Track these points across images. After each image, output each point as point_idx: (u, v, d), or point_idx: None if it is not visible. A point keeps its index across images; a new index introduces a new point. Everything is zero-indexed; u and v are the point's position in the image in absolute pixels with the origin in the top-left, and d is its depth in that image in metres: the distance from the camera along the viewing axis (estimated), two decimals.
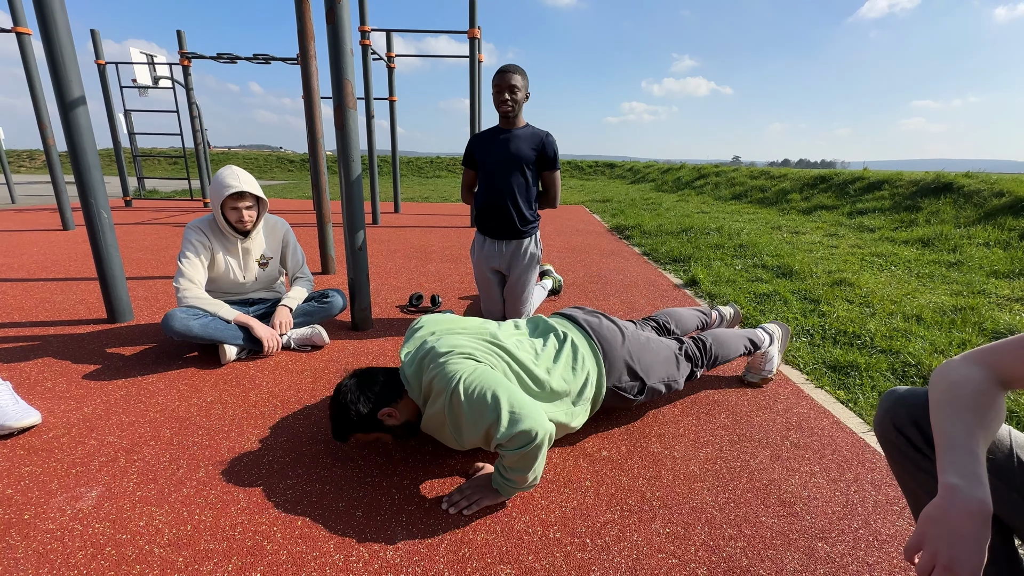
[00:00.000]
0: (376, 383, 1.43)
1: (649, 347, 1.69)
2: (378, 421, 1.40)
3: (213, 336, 2.09)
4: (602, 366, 1.56)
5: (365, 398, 1.39)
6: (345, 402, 1.38)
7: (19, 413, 1.59)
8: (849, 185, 7.51)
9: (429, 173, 21.81)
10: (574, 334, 1.61)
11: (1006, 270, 3.56)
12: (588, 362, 1.54)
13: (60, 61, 2.27)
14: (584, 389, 1.50)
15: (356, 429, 1.41)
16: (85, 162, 2.40)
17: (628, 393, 1.60)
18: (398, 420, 1.41)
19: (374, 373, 1.46)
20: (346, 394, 1.39)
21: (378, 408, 1.39)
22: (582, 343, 1.58)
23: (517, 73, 2.30)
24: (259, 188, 2.23)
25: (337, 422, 1.41)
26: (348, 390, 1.40)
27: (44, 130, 5.13)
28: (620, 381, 1.59)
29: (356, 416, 1.38)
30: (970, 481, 0.62)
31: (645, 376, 1.62)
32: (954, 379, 0.72)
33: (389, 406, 1.40)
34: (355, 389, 1.40)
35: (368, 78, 6.23)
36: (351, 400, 1.38)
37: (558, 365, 1.49)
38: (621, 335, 1.66)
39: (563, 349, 1.54)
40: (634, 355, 1.63)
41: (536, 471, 1.25)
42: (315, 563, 1.11)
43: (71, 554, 1.12)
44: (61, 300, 3.03)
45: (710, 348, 1.82)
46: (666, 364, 1.69)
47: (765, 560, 1.15)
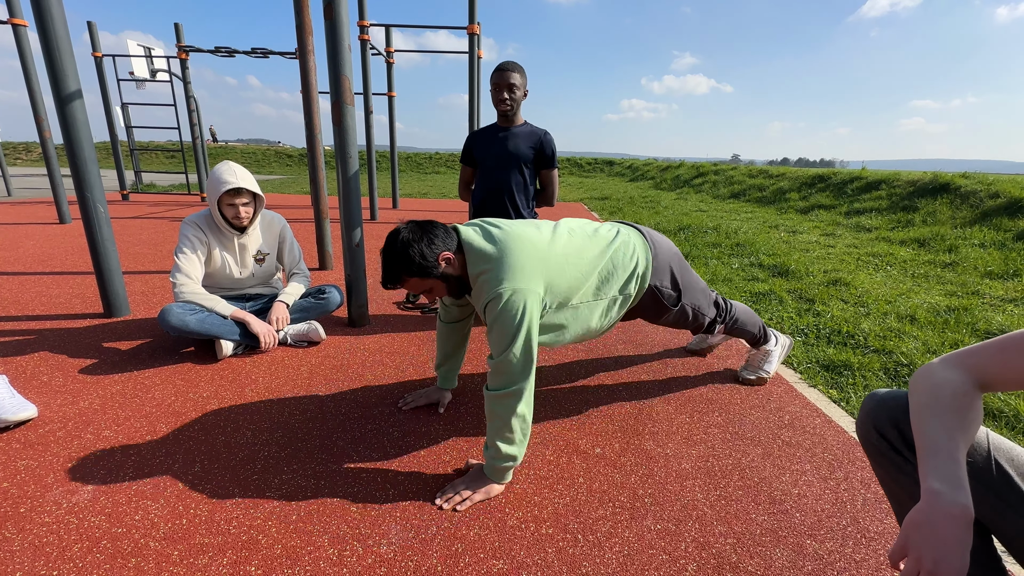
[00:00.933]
0: (438, 229, 1.37)
1: (690, 271, 1.79)
2: (436, 265, 1.34)
3: (210, 331, 2.09)
4: (651, 262, 1.62)
5: (428, 239, 1.33)
6: (408, 239, 1.32)
7: (15, 407, 1.59)
8: (847, 185, 7.53)
9: (428, 169, 21.77)
10: (630, 229, 1.68)
11: (1000, 271, 3.59)
12: (639, 252, 1.61)
13: (56, 53, 2.26)
14: (632, 276, 1.56)
15: (414, 272, 1.33)
16: (82, 156, 2.39)
17: (665, 299, 1.68)
18: (456, 270, 1.39)
19: (432, 222, 1.40)
20: (408, 233, 1.33)
21: (440, 250, 1.34)
22: (638, 239, 1.65)
23: (515, 71, 2.30)
24: (256, 184, 2.23)
25: (394, 263, 1.33)
26: (410, 230, 1.34)
27: (40, 123, 5.11)
28: (662, 283, 1.66)
29: (419, 255, 1.31)
30: (952, 486, 0.63)
31: (684, 291, 1.71)
32: (934, 382, 0.73)
33: (448, 252, 1.36)
34: (418, 230, 1.34)
35: (367, 73, 6.21)
36: (414, 238, 1.32)
37: (614, 246, 1.55)
38: (670, 249, 1.74)
39: (619, 236, 1.61)
40: (677, 268, 1.71)
41: (513, 432, 1.30)
42: (309, 557, 1.13)
43: (67, 547, 1.13)
44: (57, 294, 3.02)
45: (732, 309, 1.92)
46: (703, 294, 1.81)
47: (754, 556, 1.16)
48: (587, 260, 1.48)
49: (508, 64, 2.31)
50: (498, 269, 1.32)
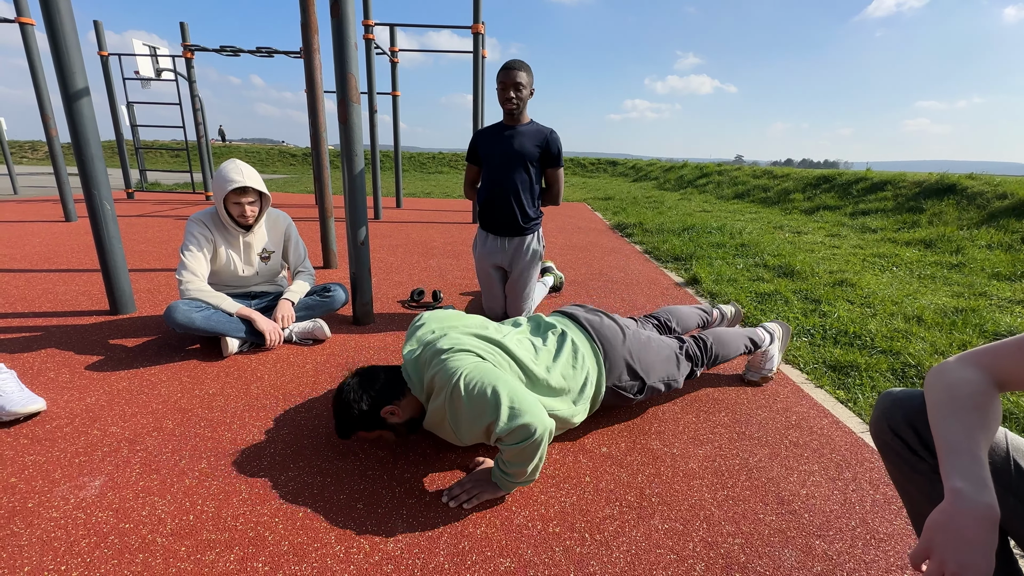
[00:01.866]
0: (378, 381, 1.44)
1: (650, 346, 1.69)
2: (381, 419, 1.41)
3: (215, 328, 2.10)
4: (602, 365, 1.56)
5: (368, 396, 1.40)
6: (348, 400, 1.39)
7: (24, 400, 1.60)
8: (852, 185, 7.49)
9: (431, 169, 21.78)
10: (574, 333, 1.61)
11: (1008, 272, 3.56)
12: (588, 361, 1.55)
13: (64, 51, 2.27)
14: (584, 388, 1.51)
15: (359, 427, 1.42)
16: (88, 153, 2.40)
17: (628, 392, 1.61)
18: (401, 418, 1.42)
19: (376, 371, 1.47)
20: (349, 392, 1.40)
21: (381, 406, 1.40)
22: (583, 342, 1.59)
23: (522, 70, 2.30)
24: (262, 183, 2.23)
25: (340, 420, 1.42)
26: (351, 388, 1.41)
27: (47, 121, 5.13)
28: (620, 380, 1.59)
29: (359, 414, 1.39)
30: (976, 485, 0.61)
31: (645, 376, 1.63)
32: (951, 380, 0.71)
33: (391, 404, 1.41)
34: (358, 387, 1.41)
35: (371, 73, 6.22)
36: (354, 398, 1.39)
37: (558, 363, 1.50)
38: (622, 334, 1.66)
39: (563, 348, 1.55)
40: (634, 354, 1.63)
41: (535, 466, 1.25)
42: (316, 554, 1.12)
43: (75, 542, 1.13)
44: (64, 291, 3.03)
45: (711, 347, 1.83)
46: (666, 363, 1.70)
47: (763, 557, 1.15)
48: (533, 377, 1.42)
49: (515, 63, 2.30)
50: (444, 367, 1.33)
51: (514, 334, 1.57)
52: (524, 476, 1.27)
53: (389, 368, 1.50)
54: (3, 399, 1.59)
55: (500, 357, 1.41)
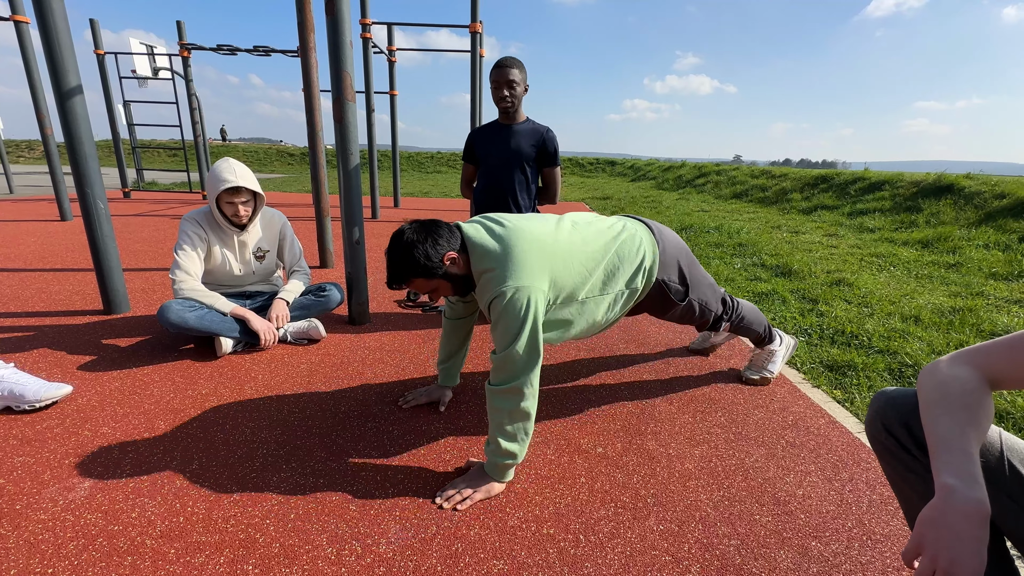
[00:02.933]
0: (442, 228, 1.37)
1: (698, 266, 1.78)
2: (441, 264, 1.33)
3: (209, 328, 2.08)
4: (658, 256, 1.61)
5: (432, 239, 1.33)
6: (413, 240, 1.31)
7: (51, 386, 1.68)
8: (850, 185, 7.50)
9: (429, 168, 21.77)
10: (637, 224, 1.67)
11: (1005, 272, 3.56)
12: (646, 246, 1.59)
13: (57, 50, 2.25)
14: (639, 271, 1.55)
15: (420, 272, 1.32)
16: (82, 152, 2.38)
17: (672, 294, 1.67)
18: (460, 269, 1.38)
19: (436, 221, 1.39)
20: (412, 234, 1.32)
21: (446, 250, 1.34)
22: (645, 233, 1.63)
23: (515, 67, 2.28)
24: (256, 183, 2.21)
25: (400, 263, 1.32)
26: (414, 230, 1.33)
27: (42, 120, 5.11)
28: (669, 278, 1.65)
29: (424, 255, 1.30)
30: (967, 481, 0.61)
31: (691, 286, 1.70)
32: (942, 379, 0.71)
33: (453, 252, 1.36)
34: (422, 230, 1.34)
35: (368, 71, 6.20)
36: (419, 239, 1.31)
37: (618, 240, 1.54)
38: (678, 244, 1.73)
39: (625, 230, 1.59)
40: (685, 263, 1.70)
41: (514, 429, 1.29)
42: (308, 556, 1.11)
43: (62, 545, 1.12)
44: (58, 290, 3.01)
45: (739, 307, 1.90)
46: (710, 289, 1.79)
47: (759, 559, 1.15)
48: (592, 254, 1.47)
49: (506, 60, 2.29)
50: (502, 267, 1.31)
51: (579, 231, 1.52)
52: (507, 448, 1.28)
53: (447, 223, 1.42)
54: (24, 388, 1.63)
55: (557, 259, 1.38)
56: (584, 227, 1.53)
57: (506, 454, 1.30)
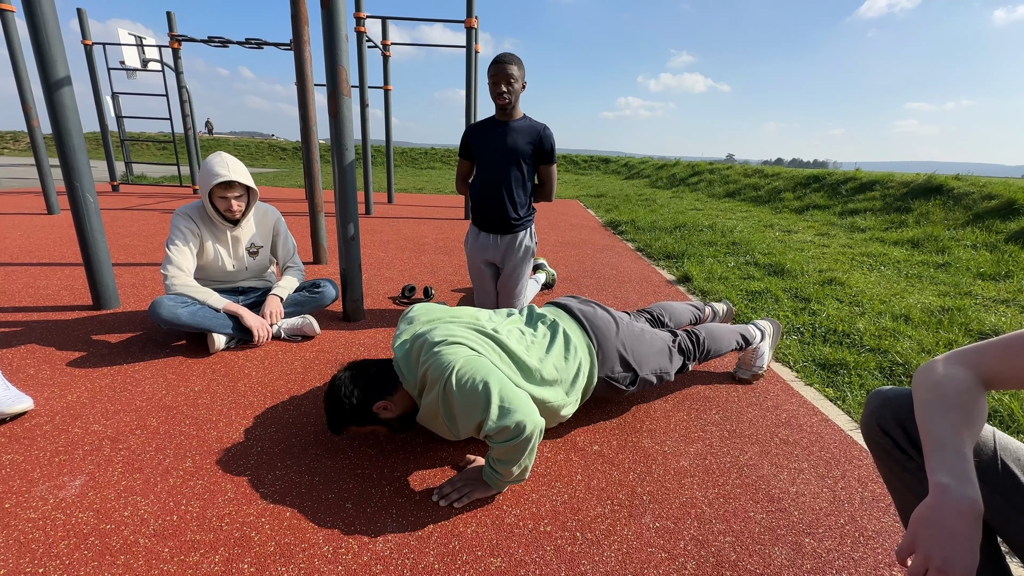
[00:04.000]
0: (371, 375, 1.42)
1: (643, 338, 1.69)
2: (373, 414, 1.39)
3: (202, 324, 2.06)
4: (595, 356, 1.56)
5: (360, 391, 1.37)
6: (339, 395, 1.37)
7: (10, 399, 1.56)
8: (841, 185, 7.57)
9: (423, 164, 21.65)
10: (567, 323, 1.61)
11: (992, 272, 3.62)
12: (581, 351, 1.54)
13: (44, 39, 2.20)
14: (577, 378, 1.50)
15: (351, 422, 1.40)
16: (70, 144, 2.34)
17: (620, 384, 1.61)
18: (393, 413, 1.40)
19: (368, 365, 1.45)
20: (340, 387, 1.38)
21: (373, 401, 1.38)
22: (575, 332, 1.58)
23: (513, 63, 2.27)
24: (249, 177, 2.19)
25: (332, 415, 1.40)
26: (343, 383, 1.39)
27: (28, 111, 5.00)
28: (613, 371, 1.59)
29: (351, 408, 1.37)
30: (960, 480, 0.62)
31: (638, 367, 1.63)
32: (937, 379, 0.72)
33: (384, 399, 1.39)
34: (350, 382, 1.39)
35: (363, 66, 6.14)
36: (346, 393, 1.37)
37: (551, 354, 1.49)
38: (615, 325, 1.66)
39: (556, 338, 1.54)
40: (628, 346, 1.63)
41: (525, 464, 1.25)
42: (304, 555, 1.10)
43: (53, 544, 1.10)
44: (45, 285, 2.96)
45: (703, 342, 1.83)
46: (659, 356, 1.70)
47: (753, 555, 1.16)
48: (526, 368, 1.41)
49: (505, 56, 2.28)
50: (437, 360, 1.31)
51: (506, 324, 1.56)
52: (514, 475, 1.26)
53: (381, 362, 1.48)
54: None
55: (492, 349, 1.40)
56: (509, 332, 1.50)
57: (515, 479, 1.29)
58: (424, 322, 1.51)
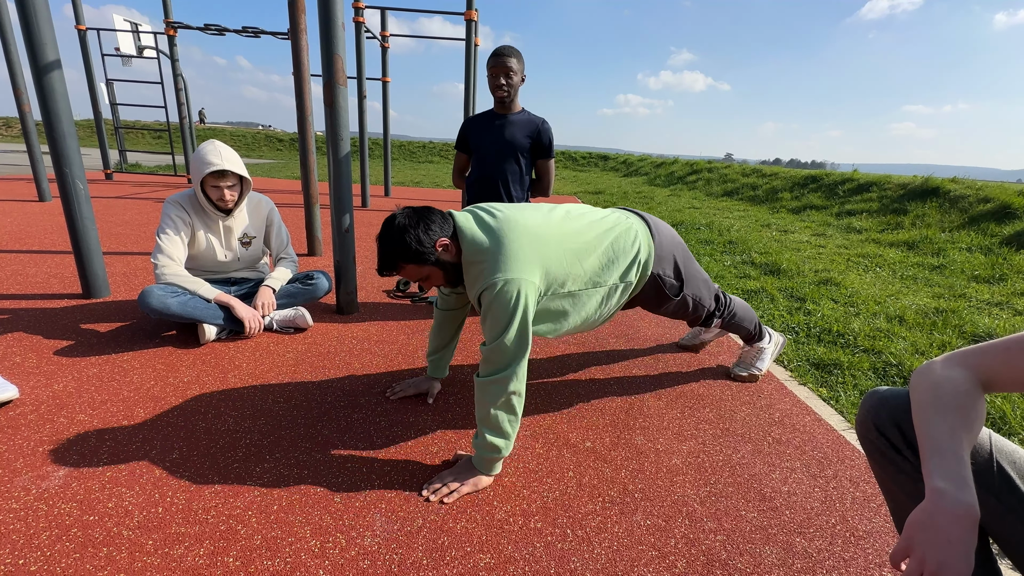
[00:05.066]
0: (435, 215, 1.35)
1: (693, 261, 1.78)
2: (433, 251, 1.31)
3: (192, 315, 2.03)
4: (653, 250, 1.60)
5: (425, 225, 1.31)
6: (404, 225, 1.29)
7: None
8: (839, 186, 7.58)
9: (421, 158, 21.55)
10: (634, 218, 1.65)
11: (987, 275, 3.63)
12: (642, 238, 1.58)
13: (34, 22, 2.16)
14: (634, 264, 1.53)
15: (411, 258, 1.30)
16: (60, 130, 2.30)
17: (667, 289, 1.66)
18: (451, 256, 1.35)
19: (428, 208, 1.37)
20: (404, 219, 1.31)
21: (438, 236, 1.32)
22: (641, 226, 1.62)
23: (512, 56, 2.24)
24: (242, 166, 2.16)
25: (392, 249, 1.30)
26: (406, 215, 1.32)
27: (19, 96, 4.93)
28: (665, 272, 1.64)
29: (416, 241, 1.28)
30: (957, 485, 0.61)
31: (686, 281, 1.69)
32: (935, 380, 0.71)
33: (446, 237, 1.34)
34: (414, 215, 1.32)
35: (361, 57, 6.08)
36: (411, 224, 1.29)
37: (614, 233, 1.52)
38: (675, 238, 1.73)
39: (621, 223, 1.58)
40: (680, 258, 1.69)
41: (501, 422, 1.27)
42: (290, 548, 1.09)
43: (34, 535, 1.08)
44: (34, 273, 2.92)
45: (731, 304, 1.90)
46: (704, 285, 1.79)
47: (744, 554, 1.15)
48: (586, 245, 1.45)
49: (504, 49, 2.25)
50: (493, 259, 1.29)
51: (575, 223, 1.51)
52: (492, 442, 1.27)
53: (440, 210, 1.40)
54: None
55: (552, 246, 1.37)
56: (578, 218, 1.52)
57: (493, 447, 1.28)
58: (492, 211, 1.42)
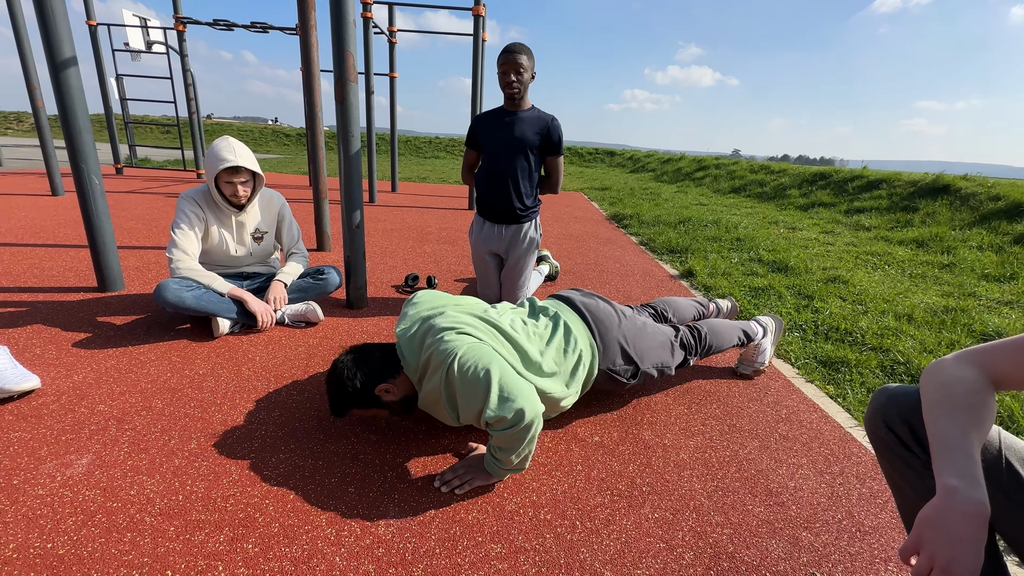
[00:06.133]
0: (373, 359, 1.43)
1: (645, 332, 1.69)
2: (376, 397, 1.40)
3: (206, 308, 2.07)
4: (596, 348, 1.57)
5: (362, 373, 1.39)
6: (342, 377, 1.39)
7: (18, 377, 1.57)
8: (848, 183, 7.51)
9: (427, 153, 21.55)
10: (569, 315, 1.61)
11: (997, 273, 3.60)
12: (582, 343, 1.54)
13: (51, 19, 2.19)
14: (576, 370, 1.50)
15: (353, 404, 1.41)
16: (76, 125, 2.33)
17: (621, 376, 1.61)
18: (395, 396, 1.42)
19: (370, 349, 1.46)
20: (343, 369, 1.39)
21: (375, 383, 1.39)
22: (577, 325, 1.58)
23: (523, 53, 2.25)
24: (255, 163, 2.19)
25: (334, 397, 1.42)
26: (345, 366, 1.40)
27: (33, 92, 4.99)
28: (614, 364, 1.59)
29: (353, 391, 1.38)
30: (968, 482, 0.62)
31: (639, 360, 1.63)
32: (946, 378, 0.72)
33: (387, 382, 1.40)
34: (352, 365, 1.40)
35: (369, 52, 6.09)
36: (348, 376, 1.38)
37: (551, 346, 1.49)
38: (617, 318, 1.66)
39: (557, 331, 1.54)
40: (629, 339, 1.63)
41: (525, 453, 1.25)
42: (307, 536, 1.12)
43: (61, 520, 1.12)
44: (51, 266, 2.98)
45: (705, 337, 1.83)
46: (660, 350, 1.70)
47: (750, 547, 1.17)
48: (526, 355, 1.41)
49: (515, 46, 2.26)
50: (441, 345, 1.32)
51: (509, 315, 1.57)
52: (514, 463, 1.27)
53: (383, 345, 1.49)
54: None
55: (495, 337, 1.40)
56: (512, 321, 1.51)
57: (515, 468, 1.30)
58: (429, 308, 1.52)
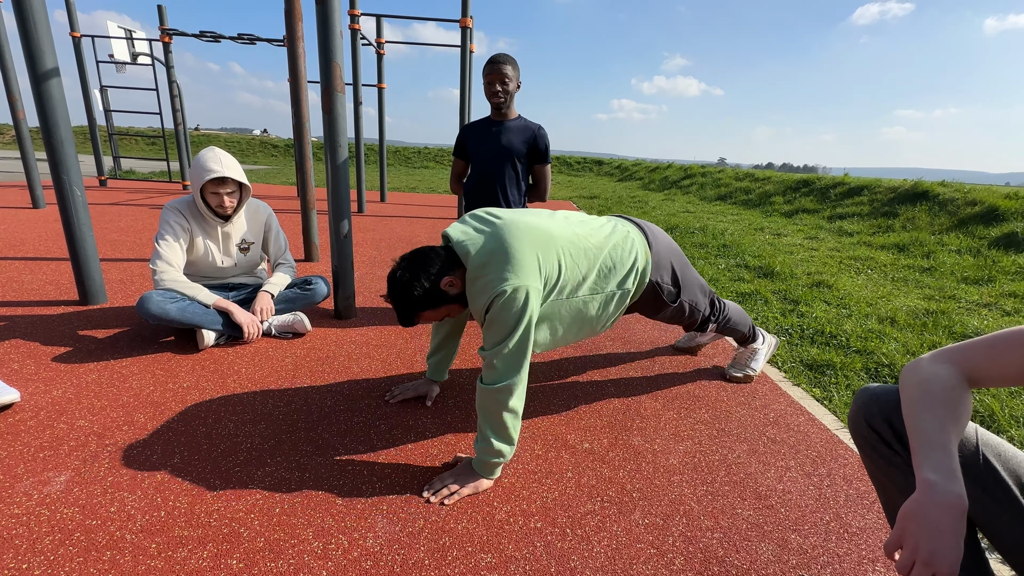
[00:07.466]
0: (428, 258, 1.38)
1: (691, 268, 1.82)
2: (443, 292, 1.36)
3: (191, 320, 2.04)
4: (650, 258, 1.63)
5: (424, 272, 1.35)
6: (406, 281, 1.34)
7: None
8: (831, 190, 7.67)
9: (416, 163, 21.60)
10: (631, 227, 1.68)
11: (976, 276, 3.69)
12: (639, 247, 1.61)
13: (32, 29, 2.17)
14: (631, 272, 1.56)
15: (423, 306, 1.36)
16: (58, 136, 2.31)
17: (665, 295, 1.70)
18: (459, 288, 1.39)
19: (422, 251, 1.41)
20: (404, 274, 1.35)
21: (440, 278, 1.35)
22: (636, 234, 1.65)
23: (508, 63, 2.28)
24: (242, 173, 2.17)
25: (402, 305, 1.36)
26: (404, 269, 1.36)
27: (14, 103, 4.92)
28: (663, 279, 1.68)
29: (421, 292, 1.33)
30: (946, 476, 0.64)
31: (683, 287, 1.73)
32: (924, 376, 0.74)
33: (448, 275, 1.37)
34: (410, 267, 1.36)
35: (356, 63, 6.12)
36: (411, 278, 1.34)
37: (611, 240, 1.55)
38: (671, 245, 1.77)
39: (616, 231, 1.61)
40: (678, 265, 1.74)
41: (504, 433, 1.29)
42: (293, 550, 1.10)
43: (37, 539, 1.09)
44: (30, 280, 2.92)
45: (726, 309, 1.94)
46: (699, 291, 1.83)
47: (740, 551, 1.17)
48: (585, 252, 1.47)
49: (500, 56, 2.29)
50: (498, 268, 1.31)
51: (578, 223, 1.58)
52: (495, 447, 1.28)
53: (432, 247, 1.44)
54: None
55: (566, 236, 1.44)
56: (577, 225, 1.54)
57: (495, 452, 1.30)
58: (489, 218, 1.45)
